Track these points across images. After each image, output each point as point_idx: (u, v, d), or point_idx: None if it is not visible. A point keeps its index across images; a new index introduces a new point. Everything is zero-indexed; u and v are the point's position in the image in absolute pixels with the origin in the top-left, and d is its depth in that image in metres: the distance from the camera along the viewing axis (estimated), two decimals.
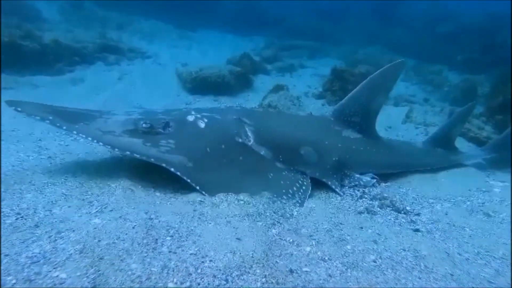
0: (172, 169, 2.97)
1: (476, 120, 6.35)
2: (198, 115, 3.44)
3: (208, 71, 7.49)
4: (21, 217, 2.36)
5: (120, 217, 2.44)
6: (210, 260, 2.09)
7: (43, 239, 2.15)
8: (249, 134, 3.49)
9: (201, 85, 7.45)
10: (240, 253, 2.19)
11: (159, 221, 2.47)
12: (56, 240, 2.15)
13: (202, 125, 3.36)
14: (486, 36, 12.22)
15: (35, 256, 1.98)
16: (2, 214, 2.38)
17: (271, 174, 3.42)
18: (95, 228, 2.29)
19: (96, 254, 2.02)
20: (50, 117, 2.95)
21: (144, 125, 3.13)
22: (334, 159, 3.84)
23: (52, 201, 2.63)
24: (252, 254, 2.20)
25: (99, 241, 2.14)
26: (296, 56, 12.85)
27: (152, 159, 2.97)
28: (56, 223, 2.33)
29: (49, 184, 2.92)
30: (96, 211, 2.52)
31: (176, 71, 8.16)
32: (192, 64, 8.64)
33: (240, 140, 3.41)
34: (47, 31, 9.10)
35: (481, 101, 8.99)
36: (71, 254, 2.02)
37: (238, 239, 2.35)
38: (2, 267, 1.85)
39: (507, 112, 6.13)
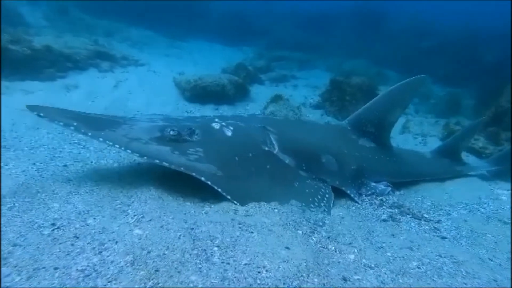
0: (203, 178, 2.90)
1: None
2: (223, 123, 3.40)
3: (207, 80, 7.43)
4: (57, 228, 2.23)
5: (161, 227, 2.35)
6: (267, 270, 2.04)
7: (87, 251, 2.04)
8: (274, 142, 3.48)
9: (200, 93, 7.37)
10: (293, 262, 2.15)
11: (201, 231, 2.40)
12: (101, 252, 2.04)
13: (229, 133, 3.31)
14: (465, 51, 12.89)
15: (85, 269, 1.87)
16: (36, 224, 2.24)
17: (297, 183, 3.41)
18: (139, 239, 2.19)
19: (150, 266, 1.93)
20: (74, 123, 2.83)
21: (171, 132, 3.05)
22: (352, 167, 3.89)
23: (83, 211, 2.50)
24: (305, 263, 2.17)
25: (148, 252, 2.05)
26: (286, 67, 12.99)
27: (182, 168, 2.89)
28: (95, 234, 2.22)
29: (74, 193, 2.79)
30: (134, 221, 2.41)
31: (173, 79, 8.04)
32: (188, 73, 8.56)
33: (266, 148, 3.39)
34: (34, 36, 8.78)
35: (466, 113, 9.44)
36: (122, 266, 1.92)
37: (287, 248, 2.31)
38: (56, 281, 1.74)
39: (498, 124, 6.43)
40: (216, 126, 3.35)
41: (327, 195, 3.46)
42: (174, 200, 2.92)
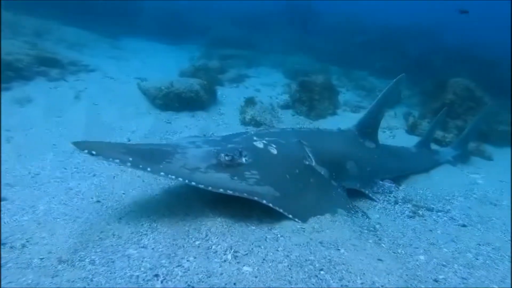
0: (264, 202, 2.92)
1: (424, 122, 7.56)
2: (264, 141, 3.42)
3: (180, 87, 7.14)
4: (163, 279, 2.10)
5: (263, 260, 2.35)
6: (382, 286, 2.21)
7: None
8: (310, 155, 3.61)
9: (173, 101, 7.06)
10: (394, 273, 2.36)
11: (296, 256, 2.45)
12: None
13: (275, 151, 3.35)
14: (394, 47, 14.44)
15: None
16: (139, 278, 2.08)
17: (333, 192, 3.61)
18: (255, 276, 2.17)
19: None
20: (130, 159, 2.61)
21: (226, 158, 2.99)
22: (368, 169, 4.22)
23: (169, 254, 2.36)
24: (402, 271, 2.39)
25: None
26: (234, 65, 12.97)
27: (245, 194, 2.87)
28: (206, 279, 2.14)
29: (137, 234, 2.60)
30: (232, 258, 2.36)
31: (138, 86, 7.54)
32: (150, 78, 8.09)
33: (307, 163, 3.51)
34: None
35: (408, 103, 10.64)
36: None
37: (380, 259, 2.50)
38: None
39: (446, 114, 7.41)
40: (259, 145, 3.35)
41: (350, 201, 3.70)
42: (239, 226, 2.89)
